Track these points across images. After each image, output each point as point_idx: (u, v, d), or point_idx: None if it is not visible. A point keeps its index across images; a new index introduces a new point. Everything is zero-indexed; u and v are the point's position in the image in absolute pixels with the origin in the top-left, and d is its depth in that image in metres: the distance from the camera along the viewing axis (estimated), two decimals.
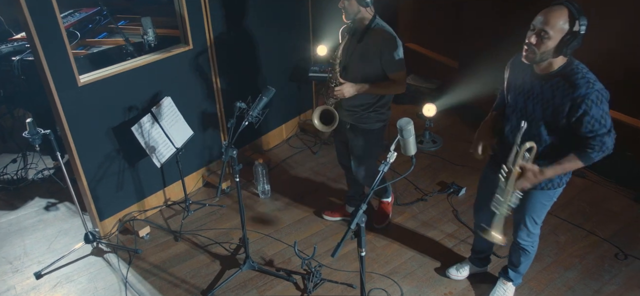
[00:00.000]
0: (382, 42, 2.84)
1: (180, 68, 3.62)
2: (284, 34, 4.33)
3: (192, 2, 3.46)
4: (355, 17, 2.86)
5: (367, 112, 3.05)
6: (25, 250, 3.54)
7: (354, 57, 2.92)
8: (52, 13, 2.79)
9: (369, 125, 3.09)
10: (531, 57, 2.16)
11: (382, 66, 2.89)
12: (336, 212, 3.76)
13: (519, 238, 2.71)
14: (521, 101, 2.34)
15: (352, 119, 3.10)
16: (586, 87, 2.08)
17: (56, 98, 2.96)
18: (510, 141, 2.39)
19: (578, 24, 2.02)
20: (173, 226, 3.74)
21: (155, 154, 3.31)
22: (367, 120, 3.07)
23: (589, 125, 2.13)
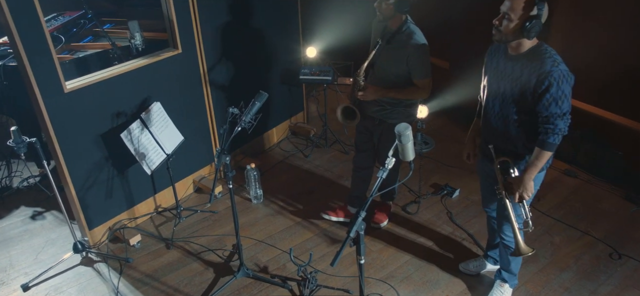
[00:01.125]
0: (411, 46, 2.88)
1: (169, 72, 3.54)
2: (273, 36, 4.28)
3: (180, 5, 3.40)
4: (388, 19, 2.89)
5: (395, 108, 3.10)
6: (11, 262, 3.44)
7: (382, 57, 2.96)
8: (35, 17, 2.71)
9: (398, 120, 3.09)
10: (498, 37, 2.31)
11: (409, 70, 2.93)
12: (335, 211, 3.72)
13: (502, 233, 2.72)
14: (495, 82, 2.48)
15: (381, 114, 3.15)
16: (551, 65, 2.19)
17: (42, 105, 2.87)
18: (491, 125, 2.53)
19: (536, 8, 2.17)
20: (164, 233, 3.67)
21: (145, 161, 3.24)
22: (397, 115, 3.12)
23: (546, 102, 2.22)
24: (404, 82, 3.03)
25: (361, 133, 3.41)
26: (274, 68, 4.42)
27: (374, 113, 3.18)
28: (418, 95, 3.07)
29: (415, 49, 2.89)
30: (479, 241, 3.49)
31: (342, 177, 4.28)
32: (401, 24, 2.93)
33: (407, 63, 2.93)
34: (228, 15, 3.82)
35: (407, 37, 2.91)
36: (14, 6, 2.59)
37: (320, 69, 4.35)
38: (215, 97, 3.94)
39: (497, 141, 2.53)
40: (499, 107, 2.45)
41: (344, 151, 4.63)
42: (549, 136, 2.26)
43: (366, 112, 3.21)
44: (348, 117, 3.25)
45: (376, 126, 3.24)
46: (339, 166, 4.45)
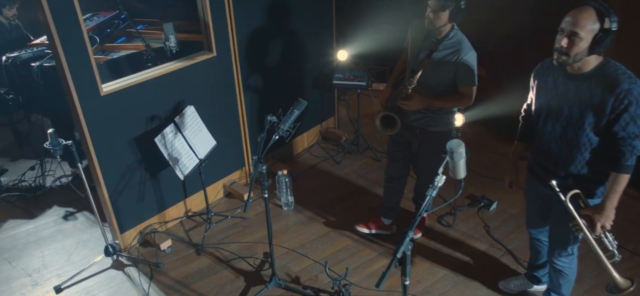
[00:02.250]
0: (460, 54, 2.77)
1: (203, 76, 3.49)
2: (307, 40, 4.20)
3: (216, 8, 3.34)
4: (437, 28, 2.78)
5: (437, 115, 2.99)
6: (44, 262, 3.44)
7: (426, 57, 2.83)
8: (75, 19, 2.68)
9: (440, 128, 3.04)
10: (564, 60, 2.10)
11: (455, 78, 2.83)
12: (368, 224, 3.60)
13: (554, 258, 2.58)
14: (554, 104, 2.28)
15: (422, 123, 3.04)
16: (629, 82, 2.03)
17: (78, 108, 2.85)
18: (549, 149, 2.35)
19: (609, 21, 1.99)
20: (195, 238, 3.62)
21: (178, 166, 3.19)
22: (438, 123, 3.02)
23: (624, 122, 2.06)
24: (448, 90, 2.92)
25: (397, 142, 3.28)
26: (306, 72, 4.34)
27: (414, 121, 3.06)
28: (462, 103, 2.96)
29: (466, 56, 2.78)
30: (520, 258, 3.34)
31: (374, 185, 4.17)
32: (448, 31, 2.81)
33: (454, 71, 2.81)
34: (263, 18, 3.75)
35: (455, 45, 2.79)
36: (56, 11, 2.56)
37: (354, 74, 4.24)
38: (248, 100, 3.88)
39: (557, 167, 2.35)
40: (561, 130, 2.26)
41: (376, 158, 4.52)
42: (626, 158, 2.10)
43: (405, 120, 3.08)
44: (387, 126, 3.12)
45: (416, 135, 3.12)
46: (371, 173, 4.34)
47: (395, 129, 3.07)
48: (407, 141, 3.22)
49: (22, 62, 3.73)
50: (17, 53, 3.76)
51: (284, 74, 4.13)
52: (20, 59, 3.73)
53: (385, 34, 4.62)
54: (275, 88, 4.09)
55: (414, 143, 3.19)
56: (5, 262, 3.44)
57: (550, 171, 2.38)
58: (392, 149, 3.34)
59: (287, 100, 4.24)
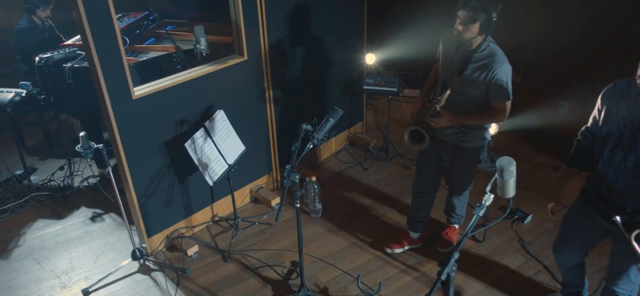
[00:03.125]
0: (493, 66, 2.61)
1: (233, 79, 3.44)
2: (338, 45, 4.11)
3: (248, 11, 3.28)
4: (468, 41, 2.64)
5: (471, 130, 2.86)
6: (72, 264, 3.43)
7: (457, 73, 2.70)
8: (110, 23, 2.65)
9: (473, 144, 2.92)
10: None
11: (487, 92, 2.68)
12: (399, 242, 3.46)
13: (616, 287, 2.42)
14: (628, 134, 2.08)
15: (455, 139, 2.91)
16: None
17: (110, 111, 2.82)
18: (616, 181, 2.15)
19: None
20: (221, 244, 3.57)
21: (207, 172, 3.14)
22: (471, 139, 2.89)
23: None
24: (481, 105, 2.76)
25: (426, 156, 3.12)
26: (335, 76, 4.25)
27: (446, 137, 2.92)
28: (496, 119, 2.80)
29: (499, 70, 2.61)
30: (556, 275, 3.20)
31: (403, 194, 4.06)
32: (481, 42, 2.66)
33: (486, 86, 2.66)
34: (294, 21, 3.68)
35: (489, 57, 2.63)
36: (90, 9, 2.53)
37: (386, 80, 4.14)
38: (277, 104, 3.81)
39: (624, 201, 2.15)
40: (634, 163, 2.07)
41: (405, 166, 4.41)
42: None
43: (437, 135, 2.93)
44: (416, 141, 2.94)
45: (448, 151, 2.99)
46: (399, 182, 4.23)
47: (424, 145, 2.90)
48: (438, 155, 3.09)
49: (54, 62, 3.74)
50: (49, 54, 3.77)
51: (313, 78, 4.05)
52: (53, 60, 3.74)
53: (417, 38, 4.51)
54: (304, 92, 4.02)
55: (445, 159, 3.06)
56: (35, 263, 3.44)
57: (614, 205, 2.19)
58: (421, 163, 3.19)
59: (316, 104, 4.22)
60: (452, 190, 3.30)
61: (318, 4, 3.77)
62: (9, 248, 3.57)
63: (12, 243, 3.62)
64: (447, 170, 3.13)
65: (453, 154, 2.99)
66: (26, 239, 3.66)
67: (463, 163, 3.03)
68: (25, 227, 3.78)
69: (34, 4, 4.22)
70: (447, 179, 3.26)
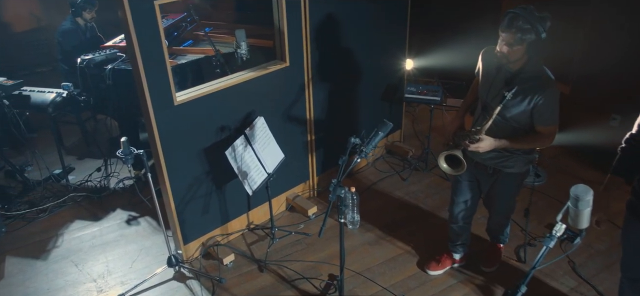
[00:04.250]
0: (540, 89, 2.40)
1: (274, 85, 3.36)
2: (379, 51, 3.99)
3: (292, 17, 3.19)
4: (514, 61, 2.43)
5: (515, 154, 2.65)
6: (108, 268, 3.41)
7: (499, 98, 2.49)
8: (155, 30, 2.60)
9: (516, 169, 2.70)
10: None
11: (532, 115, 2.47)
12: (441, 262, 3.30)
13: None
14: None
15: (496, 163, 2.71)
16: None
17: (152, 117, 2.77)
18: None
19: None
20: (257, 253, 3.49)
21: (247, 180, 3.07)
22: (515, 164, 2.68)
23: None
24: (524, 129, 2.56)
25: (464, 180, 2.92)
26: (376, 83, 4.13)
27: (487, 161, 2.72)
28: (540, 143, 2.58)
29: (546, 92, 2.40)
30: None
31: (443, 207, 3.90)
32: (525, 62, 2.43)
33: (531, 110, 2.45)
34: (337, 27, 3.57)
35: (534, 80, 2.42)
36: (137, 13, 2.48)
37: (428, 88, 4.00)
38: (316, 111, 3.71)
39: None
40: None
41: (445, 177, 4.25)
42: None
43: (475, 158, 2.74)
44: (452, 166, 2.71)
45: (488, 176, 2.80)
46: (440, 194, 4.08)
47: (461, 170, 2.67)
48: (475, 179, 2.91)
49: (95, 64, 3.74)
50: (91, 55, 3.77)
51: (353, 84, 3.94)
52: (94, 62, 3.73)
53: (461, 45, 4.34)
54: (343, 98, 3.91)
55: (484, 183, 2.88)
56: (72, 265, 3.43)
57: None
58: (458, 188, 2.99)
59: (355, 111, 4.10)
60: (492, 214, 3.13)
61: (362, 8, 3.65)
62: (47, 249, 3.58)
63: (50, 244, 3.63)
64: (486, 194, 2.95)
65: (493, 179, 2.80)
66: (64, 240, 3.67)
67: (504, 190, 2.83)
68: (63, 228, 3.79)
69: (81, 6, 4.24)
70: (485, 203, 3.08)
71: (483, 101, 2.67)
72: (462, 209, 3.06)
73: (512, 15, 2.29)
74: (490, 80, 2.58)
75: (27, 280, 3.31)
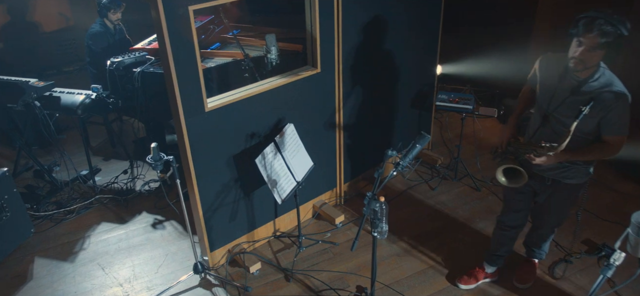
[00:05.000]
0: (611, 98, 2.29)
1: (304, 92, 3.29)
2: (410, 58, 3.90)
3: (325, 23, 3.12)
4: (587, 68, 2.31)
5: (577, 165, 2.56)
6: (135, 273, 3.39)
7: (564, 108, 2.40)
8: (189, 36, 2.55)
9: (576, 180, 2.62)
10: None
11: (600, 125, 2.37)
12: (473, 276, 3.20)
13: None
14: None
15: (556, 174, 2.63)
16: None
17: (183, 124, 2.72)
18: None
19: None
20: (283, 262, 3.43)
21: (276, 189, 3.01)
22: (575, 175, 2.60)
23: None
24: (590, 139, 2.45)
25: (519, 191, 2.81)
26: (406, 90, 4.03)
27: (545, 172, 2.63)
28: (607, 154, 2.45)
29: (617, 101, 2.29)
30: None
31: (473, 219, 3.79)
32: (595, 70, 2.33)
33: (599, 119, 2.35)
34: (369, 33, 3.49)
35: (604, 87, 2.31)
36: (171, 19, 2.44)
37: (461, 96, 3.88)
38: (345, 118, 3.64)
39: None
40: None
41: (475, 187, 4.13)
42: None
43: (534, 168, 2.65)
44: (510, 178, 2.64)
45: (546, 187, 2.70)
46: (469, 205, 3.97)
47: (520, 183, 2.60)
48: (532, 190, 2.81)
49: (125, 67, 3.72)
50: (120, 58, 3.75)
51: (383, 91, 3.85)
52: (124, 64, 3.72)
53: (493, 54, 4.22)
54: (373, 105, 3.83)
55: (541, 194, 2.77)
56: (99, 268, 3.42)
57: None
58: (512, 197, 2.90)
59: (384, 118, 4.01)
60: (539, 225, 3.01)
61: (394, 13, 3.56)
62: (74, 251, 3.58)
63: (77, 246, 3.63)
64: (540, 205, 2.84)
65: (551, 190, 2.70)
66: (91, 242, 3.66)
67: (561, 201, 2.74)
68: (89, 230, 3.79)
69: (106, 7, 4.23)
70: (536, 213, 2.97)
71: (543, 111, 2.56)
72: (514, 219, 2.97)
73: (590, 17, 2.17)
74: (553, 90, 2.47)
75: (55, 282, 3.31)
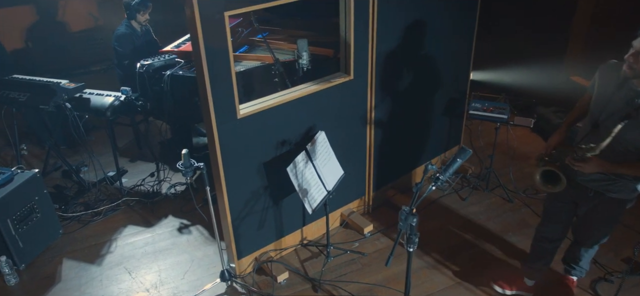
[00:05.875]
0: None
1: (336, 99, 3.21)
2: (443, 63, 3.79)
3: (359, 29, 3.03)
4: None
5: (624, 178, 2.43)
6: (161, 278, 3.36)
7: (616, 117, 2.29)
8: (224, 42, 2.50)
9: (621, 195, 2.49)
10: None
11: None
12: (512, 282, 3.11)
13: None
14: None
15: (600, 186, 2.50)
16: None
17: (215, 131, 2.67)
18: None
19: None
20: (311, 271, 3.37)
21: (307, 198, 2.94)
22: (620, 189, 2.47)
23: None
24: (638, 153, 2.33)
25: (560, 201, 2.73)
26: (438, 97, 3.93)
27: (590, 182, 2.52)
28: None
29: None
30: None
31: (506, 232, 3.67)
32: None
33: None
34: (403, 39, 3.39)
35: None
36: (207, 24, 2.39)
37: (495, 105, 3.76)
38: (376, 126, 3.55)
39: None
40: None
41: (507, 198, 4.00)
42: None
43: (575, 178, 2.54)
44: (549, 182, 2.58)
45: (589, 199, 2.59)
46: (501, 217, 3.84)
47: (558, 188, 2.53)
48: (573, 201, 2.69)
49: (154, 69, 3.70)
50: (150, 61, 3.73)
51: (415, 97, 3.75)
52: (153, 67, 3.70)
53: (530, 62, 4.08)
54: (404, 112, 3.73)
55: (583, 206, 2.66)
56: (126, 272, 3.41)
57: None
58: (552, 207, 2.81)
59: (415, 125, 3.90)
60: (580, 241, 2.88)
61: (429, 18, 3.46)
62: (102, 254, 3.58)
63: (104, 248, 3.62)
64: (581, 218, 2.73)
65: (594, 203, 2.58)
66: (117, 245, 3.65)
67: (604, 215, 2.61)
68: (116, 232, 3.78)
69: (135, 8, 4.22)
70: (577, 227, 2.85)
71: (594, 119, 2.44)
72: (552, 231, 2.87)
73: None
74: (607, 98, 2.36)
75: (83, 285, 3.30)
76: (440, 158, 4.37)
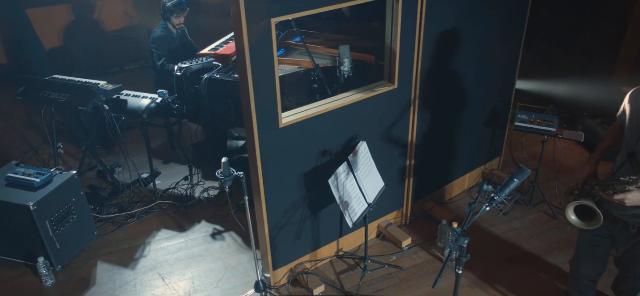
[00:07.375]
0: None
1: (379, 108, 3.10)
2: (488, 73, 3.64)
3: (406, 37, 2.91)
4: None
5: None
6: (194, 285, 3.31)
7: None
8: (270, 50, 2.42)
9: None
10: None
11: None
12: None
13: None
14: None
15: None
16: None
17: (256, 139, 2.60)
18: None
19: None
20: (347, 284, 3.27)
21: (348, 211, 2.84)
22: None
23: None
24: None
25: (597, 235, 2.51)
26: (482, 107, 3.77)
27: (631, 218, 2.31)
28: None
29: None
30: None
31: (551, 251, 3.49)
32: None
33: None
34: (449, 47, 3.26)
35: None
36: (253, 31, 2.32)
37: (543, 117, 3.58)
38: (419, 137, 3.42)
39: None
40: None
41: (552, 215, 3.82)
42: None
43: (613, 212, 2.35)
44: (583, 219, 2.37)
45: (630, 235, 2.37)
46: (546, 234, 3.66)
47: (594, 225, 2.32)
48: (613, 237, 2.49)
49: (192, 73, 3.66)
50: (188, 64, 3.69)
51: (458, 108, 3.61)
52: (191, 70, 3.65)
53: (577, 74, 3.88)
54: (446, 123, 3.60)
55: (621, 243, 2.45)
56: (159, 278, 3.37)
57: None
58: (589, 241, 2.58)
59: (457, 136, 3.75)
60: (626, 277, 2.66)
61: (476, 27, 3.32)
62: (135, 258, 3.55)
63: (138, 252, 3.60)
64: (624, 256, 2.50)
65: (635, 241, 2.37)
66: (151, 250, 3.62)
67: None
68: (150, 236, 3.75)
69: (169, 10, 4.19)
70: (621, 263, 2.61)
71: (630, 148, 2.27)
72: (590, 267, 2.67)
73: None
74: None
75: (117, 290, 3.28)
76: (482, 171, 4.21)
